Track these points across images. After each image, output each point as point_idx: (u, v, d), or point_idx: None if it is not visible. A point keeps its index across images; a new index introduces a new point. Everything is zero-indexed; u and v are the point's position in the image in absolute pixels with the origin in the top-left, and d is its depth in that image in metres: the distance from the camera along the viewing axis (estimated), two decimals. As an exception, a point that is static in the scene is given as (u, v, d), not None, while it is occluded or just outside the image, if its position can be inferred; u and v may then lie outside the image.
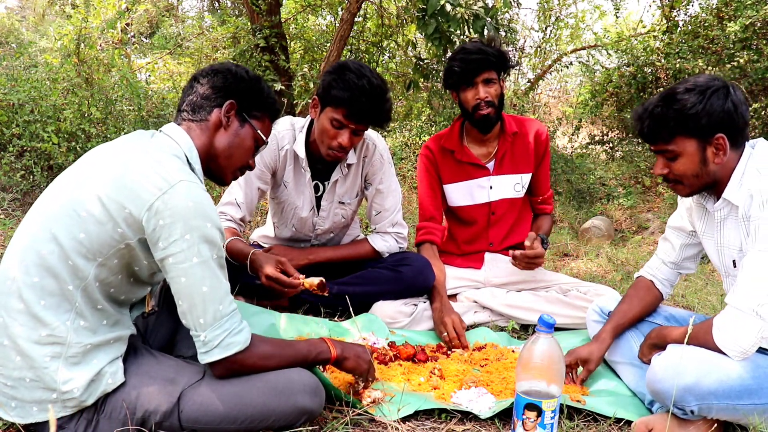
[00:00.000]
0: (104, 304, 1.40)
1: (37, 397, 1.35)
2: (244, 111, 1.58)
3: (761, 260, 1.54)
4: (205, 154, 1.54)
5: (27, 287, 1.34)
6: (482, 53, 2.45)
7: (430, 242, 2.66)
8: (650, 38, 6.34)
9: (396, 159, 5.81)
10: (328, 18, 7.35)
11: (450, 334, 2.25)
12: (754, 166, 1.63)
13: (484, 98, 2.48)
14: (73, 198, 1.37)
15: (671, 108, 1.62)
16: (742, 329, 1.53)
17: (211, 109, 1.54)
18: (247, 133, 1.58)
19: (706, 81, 1.62)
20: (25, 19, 12.18)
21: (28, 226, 1.41)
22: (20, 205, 3.41)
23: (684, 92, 1.62)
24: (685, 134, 1.63)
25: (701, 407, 1.55)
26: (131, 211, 1.32)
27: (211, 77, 1.55)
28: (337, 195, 2.50)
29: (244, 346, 1.41)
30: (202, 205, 1.35)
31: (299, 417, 1.48)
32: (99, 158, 1.45)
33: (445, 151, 2.68)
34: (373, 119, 2.20)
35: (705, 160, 1.64)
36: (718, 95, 1.59)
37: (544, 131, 2.71)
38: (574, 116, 7.29)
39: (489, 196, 2.68)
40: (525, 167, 2.69)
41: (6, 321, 1.35)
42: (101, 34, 4.28)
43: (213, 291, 1.36)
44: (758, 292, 1.52)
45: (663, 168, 1.71)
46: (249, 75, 1.59)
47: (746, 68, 4.76)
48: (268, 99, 1.62)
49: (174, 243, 1.32)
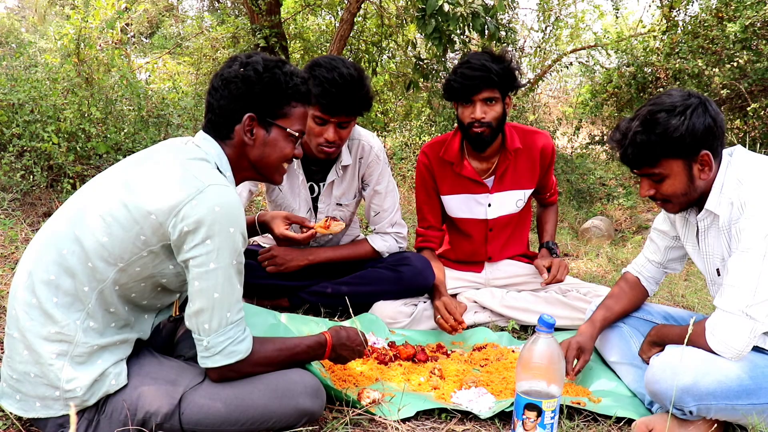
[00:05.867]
0: (118, 308, 1.40)
1: (40, 392, 1.36)
2: (267, 116, 1.48)
3: (745, 261, 1.55)
4: (238, 164, 1.50)
5: (42, 283, 1.35)
6: (484, 70, 2.31)
7: (429, 249, 2.66)
8: (650, 38, 6.35)
9: (396, 159, 5.81)
10: (327, 18, 7.35)
11: (444, 315, 2.25)
12: (733, 176, 1.64)
13: (480, 118, 2.35)
14: (100, 203, 1.37)
15: (654, 133, 1.60)
16: (734, 331, 1.54)
17: (231, 127, 1.47)
18: (277, 136, 1.50)
19: (683, 99, 1.61)
20: (25, 19, 12.18)
21: (54, 224, 1.42)
22: (20, 205, 3.41)
23: (664, 114, 1.60)
24: (670, 156, 1.63)
25: (700, 408, 1.55)
26: (157, 217, 1.32)
27: (223, 89, 1.45)
28: (334, 197, 2.49)
29: (245, 356, 1.41)
30: (229, 208, 1.33)
31: (300, 418, 1.48)
32: (128, 165, 1.46)
33: (443, 162, 2.57)
34: (349, 109, 2.18)
35: (692, 177, 1.65)
36: (698, 113, 1.59)
37: (551, 146, 2.59)
38: (574, 116, 7.30)
39: (486, 214, 2.59)
40: (528, 183, 2.59)
41: (18, 314, 1.36)
42: (101, 34, 4.27)
43: (224, 298, 1.36)
44: (745, 292, 1.53)
45: (649, 189, 1.71)
46: (261, 72, 1.45)
47: (746, 68, 4.77)
48: (288, 88, 1.48)
49: (195, 247, 1.32)
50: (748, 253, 1.54)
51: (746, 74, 4.89)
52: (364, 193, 2.55)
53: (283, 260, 2.45)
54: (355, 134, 2.44)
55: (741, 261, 1.55)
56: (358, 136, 2.45)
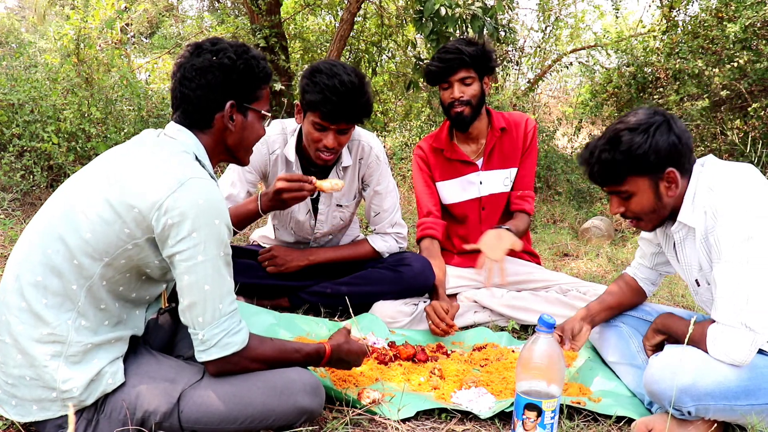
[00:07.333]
0: (108, 304, 1.40)
1: (36, 395, 1.35)
2: (244, 102, 1.52)
3: (732, 272, 1.55)
4: (215, 150, 1.53)
5: (30, 286, 1.34)
6: (458, 53, 2.47)
7: (430, 237, 2.67)
8: (650, 38, 6.34)
9: (396, 159, 5.81)
10: (327, 18, 7.36)
11: (434, 320, 2.26)
12: (705, 184, 1.66)
13: (458, 97, 2.51)
14: (80, 200, 1.37)
15: (618, 150, 1.64)
16: (735, 343, 1.53)
17: (211, 116, 1.48)
18: (253, 120, 1.55)
19: (647, 117, 1.65)
20: (24, 19, 12.18)
21: (36, 226, 1.42)
22: (20, 205, 3.41)
23: (628, 132, 1.63)
24: (636, 174, 1.66)
25: (698, 408, 1.55)
26: (140, 210, 1.32)
27: (199, 79, 1.45)
28: (334, 198, 2.49)
29: (241, 347, 1.41)
30: (212, 201, 1.34)
31: (299, 417, 1.47)
32: (107, 161, 1.45)
33: (435, 150, 2.72)
34: (349, 117, 2.15)
35: (659, 195, 1.68)
36: (661, 131, 1.62)
37: (532, 122, 2.72)
38: (574, 116, 7.29)
39: (479, 191, 2.70)
40: (513, 162, 2.71)
41: (8, 318, 1.35)
42: (100, 34, 4.27)
43: (215, 290, 1.36)
44: (739, 303, 1.53)
45: (619, 206, 1.74)
46: (235, 59, 1.46)
47: (746, 68, 4.76)
48: (260, 74, 1.52)
49: (181, 241, 1.32)
50: (731, 262, 1.55)
51: (746, 74, 4.88)
52: (364, 193, 2.55)
53: (283, 260, 2.45)
54: (354, 135, 2.43)
55: (726, 271, 1.56)
56: (358, 137, 2.45)
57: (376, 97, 6.75)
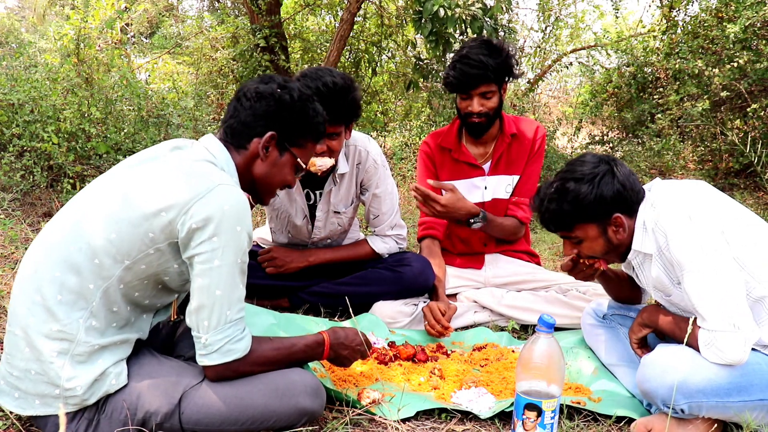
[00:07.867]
0: (120, 307, 1.40)
1: (40, 390, 1.36)
2: (286, 141, 1.54)
3: (701, 279, 1.56)
4: (243, 174, 1.54)
5: (47, 281, 1.35)
6: (481, 67, 2.37)
7: (431, 237, 2.66)
8: (650, 38, 6.35)
9: (396, 159, 5.81)
10: (327, 18, 7.35)
11: (430, 322, 2.26)
12: (649, 204, 1.72)
13: (477, 111, 2.46)
14: (107, 202, 1.38)
15: (565, 201, 1.71)
16: (729, 346, 1.53)
17: (250, 138, 1.51)
18: (286, 162, 1.56)
19: (591, 167, 1.72)
20: (24, 19, 12.18)
21: (60, 222, 1.43)
22: (20, 205, 3.41)
23: (574, 183, 1.71)
24: (583, 222, 1.74)
25: (691, 405, 1.56)
26: (167, 214, 1.34)
27: (254, 102, 1.50)
28: (332, 205, 2.47)
29: (243, 355, 1.41)
30: (237, 208, 1.36)
31: (300, 418, 1.48)
32: (137, 163, 1.47)
33: (442, 149, 2.67)
34: (336, 118, 2.13)
35: (608, 238, 1.75)
36: (605, 180, 1.70)
37: (542, 130, 2.67)
38: (574, 116, 7.29)
39: (483, 196, 2.65)
40: (517, 169, 2.66)
41: (21, 311, 1.37)
42: (100, 34, 4.27)
43: (225, 295, 1.36)
44: (723, 308, 1.53)
45: (571, 250, 1.82)
46: (295, 99, 1.51)
47: (746, 68, 4.76)
48: (312, 124, 1.56)
49: (202, 243, 1.33)
50: (699, 272, 1.56)
51: (746, 74, 4.88)
52: (363, 197, 2.53)
53: (283, 261, 2.45)
54: (350, 140, 2.40)
55: (697, 281, 1.56)
56: (354, 142, 2.41)
57: (376, 97, 6.74)
